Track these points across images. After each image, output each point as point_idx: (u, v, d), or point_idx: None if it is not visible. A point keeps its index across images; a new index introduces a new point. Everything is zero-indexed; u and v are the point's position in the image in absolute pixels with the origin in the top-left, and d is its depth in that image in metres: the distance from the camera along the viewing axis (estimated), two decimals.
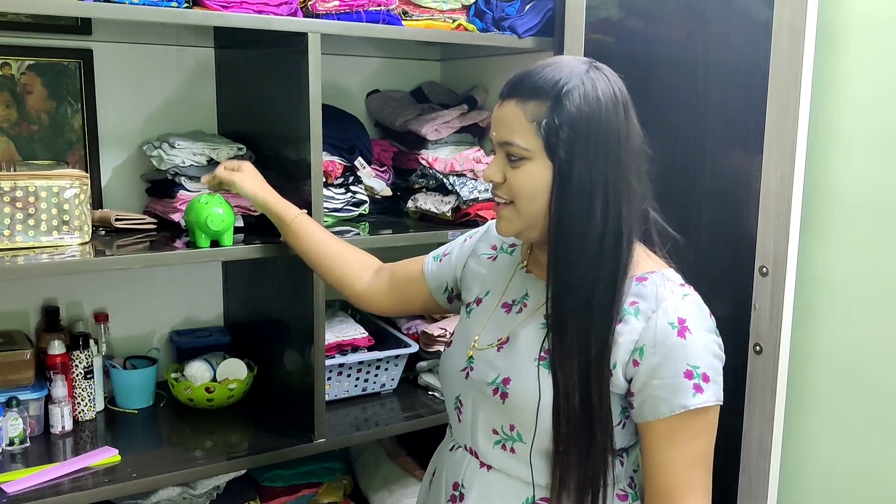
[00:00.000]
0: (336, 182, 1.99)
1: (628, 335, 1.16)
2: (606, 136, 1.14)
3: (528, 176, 1.17)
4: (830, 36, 1.75)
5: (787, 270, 1.77)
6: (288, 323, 1.94)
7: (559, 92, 1.14)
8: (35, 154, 1.95)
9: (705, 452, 1.18)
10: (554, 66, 1.17)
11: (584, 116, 1.13)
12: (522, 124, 1.16)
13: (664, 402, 1.15)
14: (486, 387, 1.25)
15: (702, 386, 1.13)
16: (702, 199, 2.06)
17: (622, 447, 1.23)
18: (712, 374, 1.15)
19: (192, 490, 1.92)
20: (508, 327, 1.28)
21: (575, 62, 1.18)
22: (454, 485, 1.32)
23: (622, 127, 1.16)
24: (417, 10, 1.90)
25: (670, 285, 1.18)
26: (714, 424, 1.18)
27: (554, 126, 1.13)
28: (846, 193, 1.77)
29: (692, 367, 1.13)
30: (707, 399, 1.14)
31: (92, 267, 1.67)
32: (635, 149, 1.18)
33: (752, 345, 1.84)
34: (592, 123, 1.14)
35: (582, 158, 1.14)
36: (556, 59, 1.20)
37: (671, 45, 2.12)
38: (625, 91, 1.18)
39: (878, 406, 1.75)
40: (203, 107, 2.15)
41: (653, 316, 1.15)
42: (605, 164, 1.14)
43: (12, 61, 1.91)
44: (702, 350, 1.15)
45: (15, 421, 1.73)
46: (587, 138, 1.14)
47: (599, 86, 1.15)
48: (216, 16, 1.62)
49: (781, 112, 1.75)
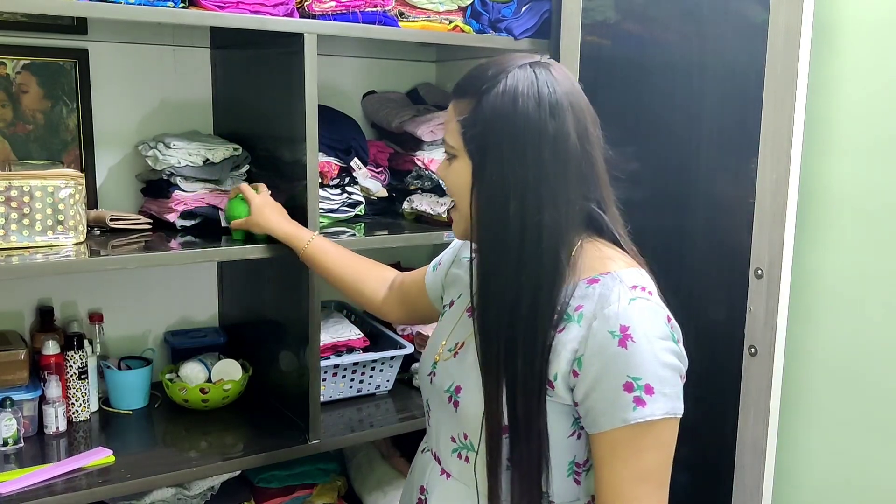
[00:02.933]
0: (332, 183, 1.98)
1: (569, 344, 1.10)
2: (523, 136, 1.10)
3: (454, 174, 1.17)
4: (826, 38, 1.75)
5: (783, 273, 1.77)
6: (283, 324, 1.94)
7: (481, 90, 1.12)
8: (30, 154, 1.94)
9: (655, 467, 1.09)
10: (490, 64, 1.15)
11: (498, 115, 1.11)
12: (452, 123, 1.16)
13: (604, 416, 1.08)
14: (444, 394, 1.24)
15: (644, 399, 1.05)
16: (697, 201, 2.06)
17: (581, 461, 1.17)
18: (658, 386, 1.06)
19: (187, 491, 1.91)
20: (467, 332, 1.24)
21: (514, 60, 1.14)
22: (420, 489, 1.32)
23: (545, 126, 1.09)
24: (414, 11, 1.90)
25: (619, 288, 1.10)
26: (665, 438, 1.09)
27: (470, 123, 1.13)
28: (841, 196, 1.77)
29: (633, 379, 1.05)
30: (652, 412, 1.05)
31: (87, 267, 1.67)
32: (569, 149, 1.11)
33: (747, 347, 1.84)
34: (507, 122, 1.10)
35: (494, 158, 1.11)
36: (499, 56, 1.18)
37: (667, 47, 2.13)
38: (562, 89, 1.12)
39: (872, 408, 1.75)
40: (199, 107, 2.14)
41: (594, 323, 1.08)
42: (520, 164, 1.10)
43: (8, 61, 1.90)
44: (646, 360, 1.05)
45: (9, 421, 1.72)
46: (500, 137, 1.11)
47: (521, 84, 1.10)
48: (212, 16, 1.62)
49: (777, 114, 1.76)
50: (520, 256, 1.10)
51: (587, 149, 1.14)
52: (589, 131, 1.15)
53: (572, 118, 1.12)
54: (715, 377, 2.00)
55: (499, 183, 1.11)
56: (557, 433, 1.14)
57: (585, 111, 1.15)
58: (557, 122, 1.10)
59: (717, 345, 1.98)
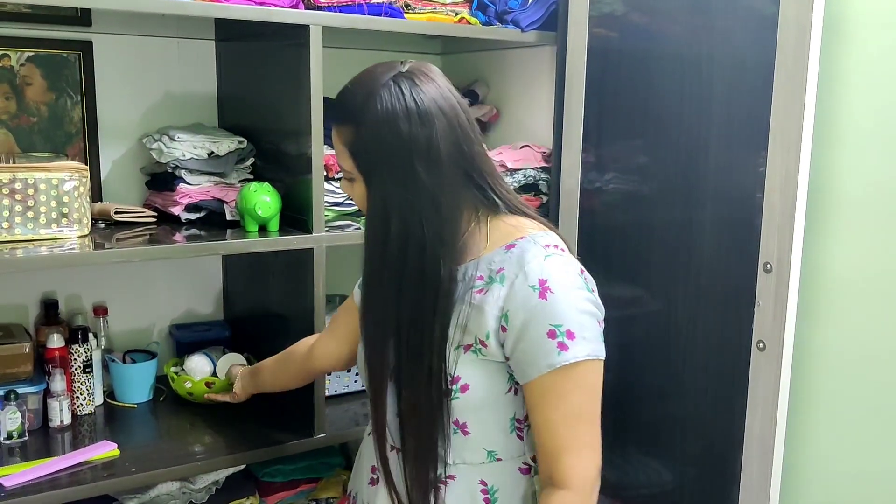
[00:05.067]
0: (337, 176, 1.97)
1: (494, 303, 1.18)
2: (398, 157, 1.16)
3: (358, 196, 1.24)
4: (837, 31, 1.74)
5: (792, 267, 1.76)
6: (288, 317, 1.93)
7: (357, 115, 1.18)
8: (34, 146, 1.94)
9: (585, 408, 1.18)
10: (356, 85, 1.21)
11: (375, 139, 1.17)
12: (340, 149, 1.23)
13: (531, 365, 1.16)
14: None
15: (566, 343, 1.14)
16: (705, 195, 2.05)
17: (521, 417, 1.25)
18: (578, 330, 1.15)
19: (192, 485, 1.91)
20: None
21: (377, 76, 1.19)
22: (371, 468, 1.37)
23: (417, 140, 1.15)
24: (420, 2, 1.89)
25: (534, 248, 1.20)
26: (590, 379, 1.18)
27: (356, 150, 1.19)
28: (851, 190, 1.76)
29: (554, 326, 1.14)
30: (575, 355, 1.14)
31: (91, 260, 1.66)
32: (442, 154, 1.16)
33: (756, 342, 1.83)
34: (384, 145, 1.16)
35: (378, 180, 1.18)
36: (363, 74, 1.22)
37: (675, 39, 2.11)
38: (427, 99, 1.17)
39: (882, 405, 1.74)
40: (203, 99, 2.14)
41: (515, 280, 1.17)
42: (398, 184, 1.16)
43: (12, 53, 1.89)
44: (565, 308, 1.15)
45: (13, 414, 1.72)
46: (379, 160, 1.18)
47: (389, 104, 1.16)
48: (217, 7, 1.61)
49: (786, 108, 1.74)
50: (402, 272, 1.18)
51: (462, 143, 1.20)
52: (462, 124, 1.20)
53: (443, 121, 1.17)
54: (723, 372, 1.99)
55: (381, 204, 1.18)
56: (495, 390, 1.22)
57: (455, 106, 1.20)
58: (428, 131, 1.16)
59: (726, 339, 1.97)
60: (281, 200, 1.78)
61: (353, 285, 1.49)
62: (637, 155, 2.14)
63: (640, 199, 2.16)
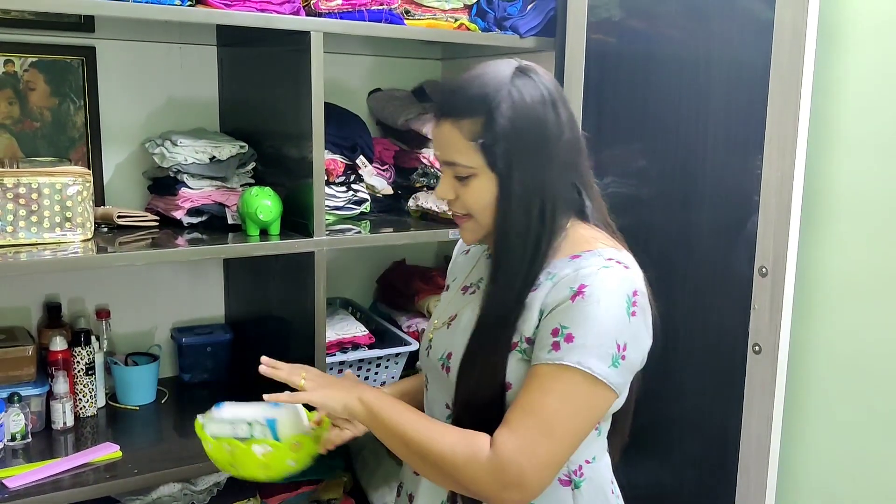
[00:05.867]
0: (338, 180, 1.99)
1: (539, 300, 1.17)
2: (540, 141, 1.17)
3: (477, 192, 1.20)
4: (831, 35, 1.75)
5: (787, 270, 1.77)
6: (289, 320, 1.94)
7: (490, 107, 1.16)
8: (38, 151, 1.95)
9: (548, 411, 1.11)
10: (480, 78, 1.19)
11: (516, 128, 1.16)
12: (461, 144, 1.18)
13: (532, 355, 1.16)
14: (437, 362, 1.30)
15: (561, 345, 1.11)
16: (702, 199, 2.06)
17: None
18: (582, 338, 1.11)
19: (193, 486, 1.92)
20: (459, 306, 1.32)
21: (500, 70, 1.19)
22: None
23: (553, 128, 1.18)
24: (419, 9, 1.91)
25: (595, 259, 1.17)
26: (575, 393, 1.11)
27: (490, 142, 1.16)
28: (846, 193, 1.77)
29: (561, 327, 1.12)
30: (560, 357, 1.11)
31: (94, 263, 1.68)
32: (568, 141, 1.20)
33: (751, 345, 1.85)
34: (525, 133, 1.16)
35: (520, 168, 1.17)
36: (481, 69, 1.21)
37: (672, 44, 2.13)
38: (553, 87, 1.20)
39: (876, 406, 1.75)
40: (205, 104, 2.15)
41: (562, 280, 1.15)
42: (540, 168, 1.18)
43: (16, 58, 1.91)
44: (582, 315, 1.11)
45: (16, 416, 1.73)
46: (523, 148, 1.17)
47: (527, 92, 1.17)
48: (219, 14, 1.62)
49: (782, 111, 1.76)
50: (536, 248, 1.18)
51: (576, 135, 1.22)
52: (574, 118, 1.23)
53: (564, 110, 1.20)
54: (719, 375, 2.00)
55: (527, 189, 1.17)
56: None
57: (566, 100, 1.23)
58: (557, 118, 1.19)
59: (721, 342, 1.99)
60: (282, 204, 1.80)
61: (354, 288, 1.50)
62: (635, 159, 2.16)
63: (638, 203, 2.17)
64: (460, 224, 1.27)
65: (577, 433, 1.14)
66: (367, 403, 1.25)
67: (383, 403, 1.24)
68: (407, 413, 1.22)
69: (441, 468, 1.16)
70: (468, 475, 1.13)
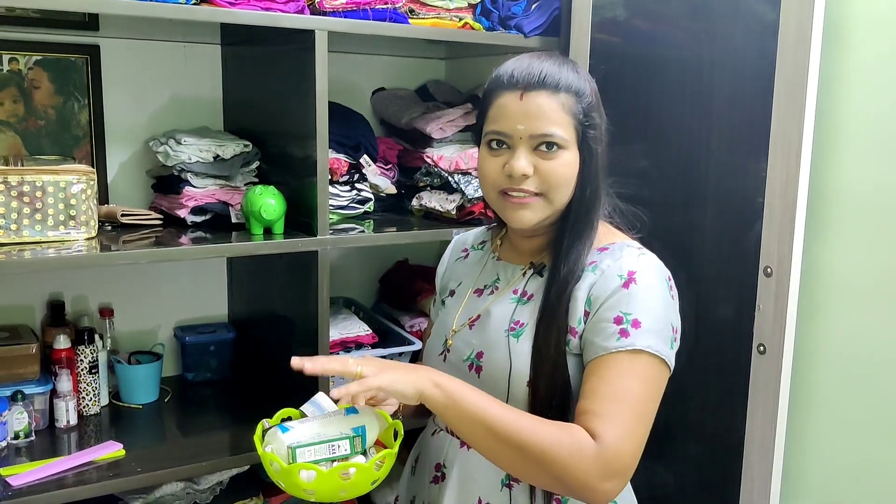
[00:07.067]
0: (341, 180, 1.99)
1: (583, 291, 1.19)
2: (603, 125, 1.25)
3: (565, 165, 1.20)
4: (837, 35, 1.75)
5: (792, 271, 1.77)
6: (292, 319, 1.94)
7: (581, 86, 1.22)
8: (42, 149, 1.95)
9: (635, 396, 1.11)
10: (558, 59, 1.24)
11: (595, 108, 1.24)
12: (559, 116, 1.19)
13: (591, 346, 1.16)
14: (463, 363, 1.28)
15: (629, 331, 1.13)
16: (707, 199, 2.06)
17: None
18: (646, 322, 1.14)
19: (196, 485, 1.92)
20: (480, 308, 1.32)
21: (563, 58, 1.27)
22: (436, 465, 1.33)
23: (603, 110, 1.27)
24: (424, 8, 1.91)
25: (629, 249, 1.22)
26: (649, 374, 1.13)
27: (583, 118, 1.21)
28: (851, 194, 1.77)
29: (623, 314, 1.14)
30: (633, 342, 1.12)
31: (98, 262, 1.68)
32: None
33: (756, 345, 1.84)
34: (601, 115, 1.25)
35: (600, 149, 1.24)
36: (551, 53, 1.27)
37: (677, 44, 2.12)
38: None
39: (881, 407, 1.75)
40: (209, 103, 2.15)
41: (606, 270, 1.19)
42: (605, 154, 1.26)
43: (20, 56, 1.91)
44: (641, 301, 1.15)
45: (20, 415, 1.74)
46: (600, 128, 1.24)
47: (585, 72, 1.26)
48: (223, 12, 1.62)
49: (787, 112, 1.75)
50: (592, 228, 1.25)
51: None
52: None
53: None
54: (724, 375, 2.00)
55: (599, 168, 1.24)
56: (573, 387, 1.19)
57: None
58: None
59: (726, 343, 1.98)
60: (286, 203, 1.80)
61: (357, 288, 1.50)
62: (639, 159, 2.15)
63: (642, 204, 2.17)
64: (525, 203, 1.21)
65: (651, 413, 1.15)
66: (445, 388, 1.12)
67: (464, 388, 1.14)
68: (489, 400, 1.13)
69: (541, 462, 1.08)
70: (576, 468, 1.07)
